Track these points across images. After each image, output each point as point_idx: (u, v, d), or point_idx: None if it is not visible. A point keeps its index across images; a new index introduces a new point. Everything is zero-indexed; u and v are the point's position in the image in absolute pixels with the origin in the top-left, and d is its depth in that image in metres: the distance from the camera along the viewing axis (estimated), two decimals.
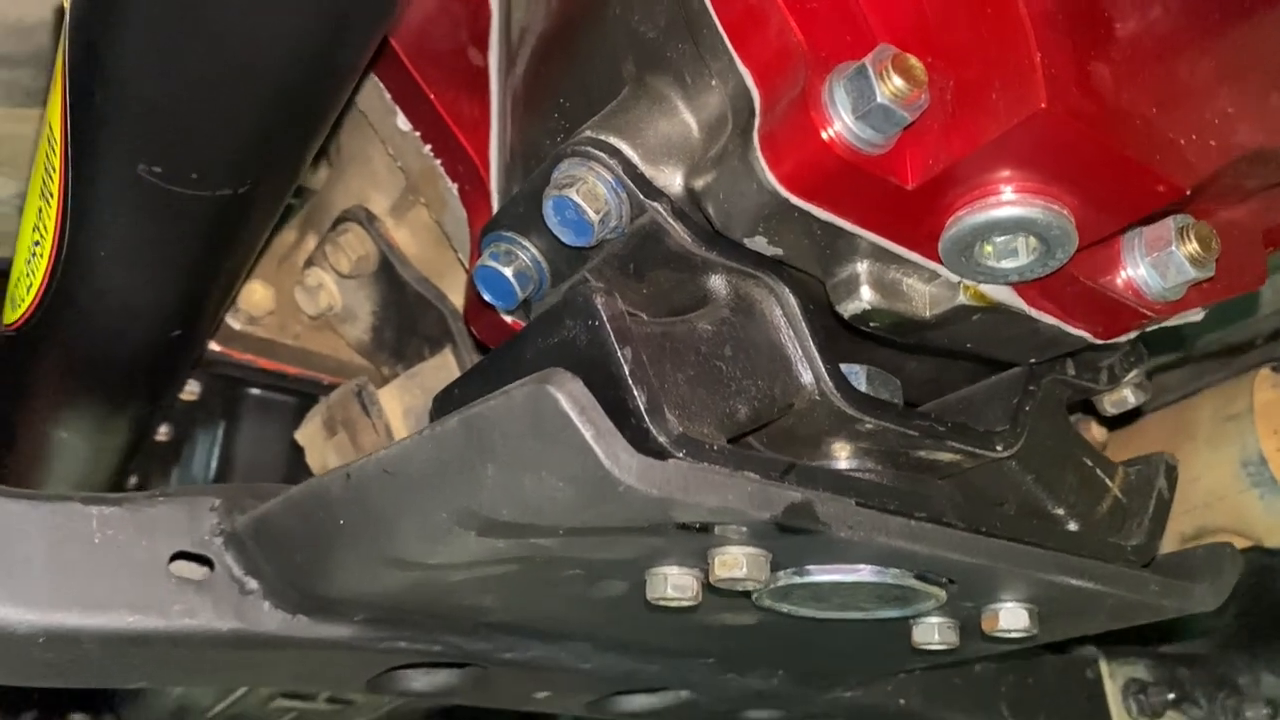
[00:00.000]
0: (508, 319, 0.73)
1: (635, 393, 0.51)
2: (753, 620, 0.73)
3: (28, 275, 0.66)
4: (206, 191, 0.52)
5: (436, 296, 0.88)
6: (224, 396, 1.05)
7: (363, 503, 0.61)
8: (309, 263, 0.93)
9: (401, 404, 0.85)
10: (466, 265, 0.82)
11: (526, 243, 0.63)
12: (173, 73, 0.46)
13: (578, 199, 0.55)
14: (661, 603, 0.60)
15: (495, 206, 0.73)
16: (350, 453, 0.86)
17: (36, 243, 0.62)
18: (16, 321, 0.70)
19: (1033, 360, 0.65)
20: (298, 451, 1.07)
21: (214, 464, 1.04)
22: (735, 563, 0.55)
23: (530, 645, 0.82)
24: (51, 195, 0.57)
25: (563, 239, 0.57)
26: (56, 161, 0.55)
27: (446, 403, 0.65)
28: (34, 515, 0.68)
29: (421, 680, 0.89)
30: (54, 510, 0.69)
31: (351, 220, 0.87)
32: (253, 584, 0.74)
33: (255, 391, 1.06)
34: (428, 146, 0.78)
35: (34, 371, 0.76)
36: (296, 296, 0.93)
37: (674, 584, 0.59)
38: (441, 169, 0.78)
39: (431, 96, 0.75)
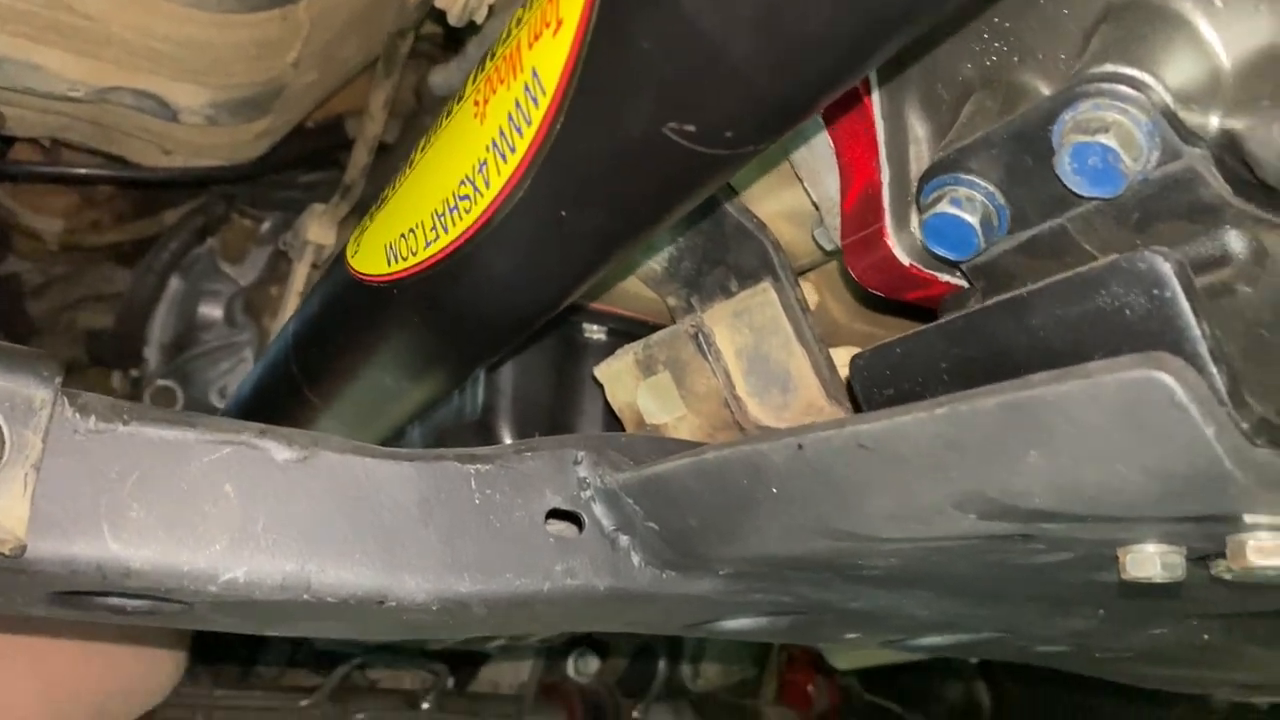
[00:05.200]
0: (905, 261, 0.67)
1: (1216, 375, 0.45)
2: None
3: (430, 231, 0.61)
4: (728, 150, 0.46)
5: (757, 226, 0.82)
6: None
7: (815, 475, 0.56)
8: None
9: (733, 345, 0.80)
10: (813, 195, 0.76)
11: (990, 187, 0.56)
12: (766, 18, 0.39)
13: (1115, 145, 0.49)
14: (1143, 580, 0.55)
15: (880, 131, 0.67)
16: (673, 394, 0.82)
17: (464, 196, 0.56)
18: (393, 274, 0.65)
19: None
20: (562, 380, 1.03)
21: (480, 395, 1.00)
22: (1275, 549, 0.50)
23: (879, 596, 0.78)
24: (513, 150, 0.51)
25: (1075, 189, 0.51)
26: (537, 114, 0.49)
27: (882, 363, 0.60)
28: (417, 477, 0.65)
29: (735, 624, 0.86)
30: (434, 471, 0.66)
31: None
32: (623, 540, 0.71)
33: None
34: None
35: (392, 324, 0.71)
36: None
37: (1163, 563, 0.55)
38: None
39: None
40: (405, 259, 0.64)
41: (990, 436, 0.48)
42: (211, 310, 1.94)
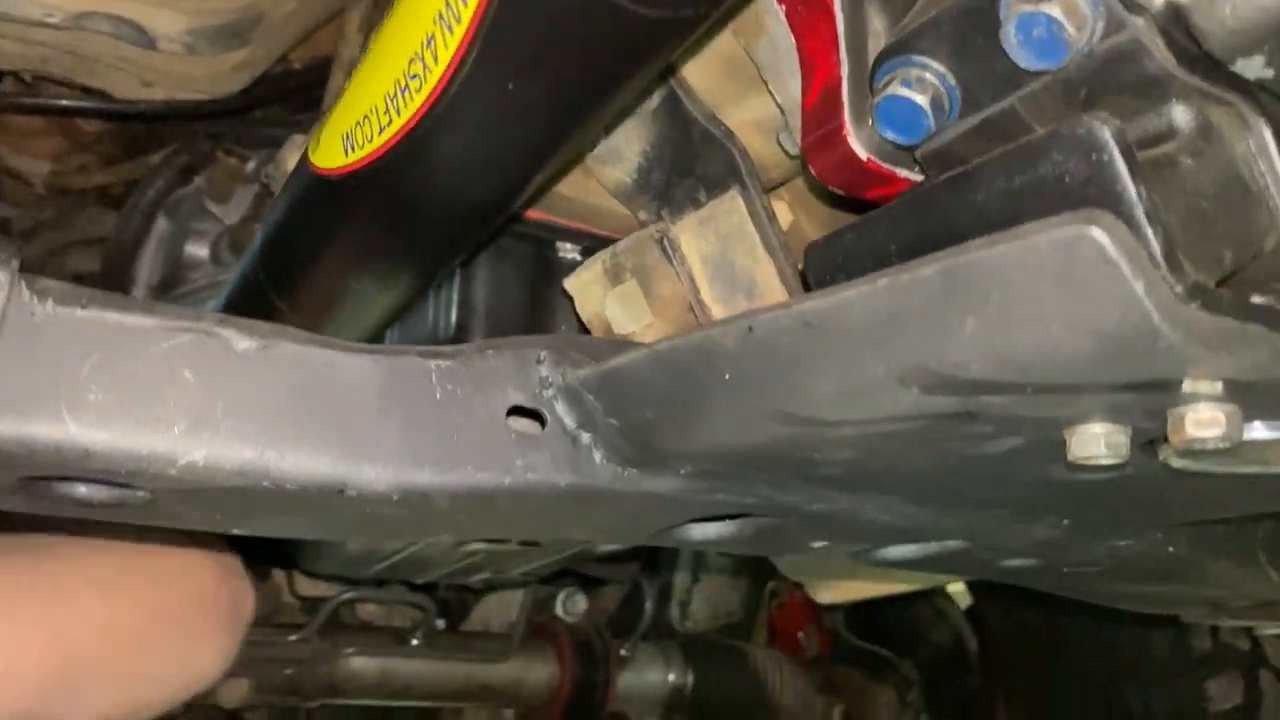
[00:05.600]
0: (862, 156, 0.67)
1: (1151, 237, 0.46)
2: (1108, 476, 0.70)
3: (384, 115, 0.61)
4: (668, 11, 0.46)
5: (724, 134, 0.82)
6: None
7: (765, 357, 0.57)
8: None
9: (699, 251, 0.80)
10: (778, 98, 0.76)
11: (941, 68, 0.56)
12: None
13: (1058, 15, 0.49)
14: (1087, 462, 0.56)
15: (841, 24, 0.67)
16: (640, 302, 0.82)
17: (414, 75, 0.56)
18: (351, 164, 0.65)
19: None
20: (536, 300, 1.04)
21: (454, 314, 1.01)
22: (1212, 420, 0.50)
23: (840, 498, 0.79)
24: (459, 20, 0.51)
25: (1021, 62, 0.51)
26: None
27: (833, 251, 0.60)
28: (378, 371, 0.66)
29: (703, 531, 0.87)
30: (395, 365, 0.66)
31: None
32: (585, 437, 0.71)
33: None
34: None
35: (352, 219, 0.71)
36: None
37: (1107, 442, 0.55)
38: None
39: None
40: (361, 147, 0.64)
41: (929, 305, 0.48)
42: (198, 250, 1.93)
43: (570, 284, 0.88)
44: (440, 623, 2.08)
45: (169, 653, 1.07)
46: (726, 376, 0.60)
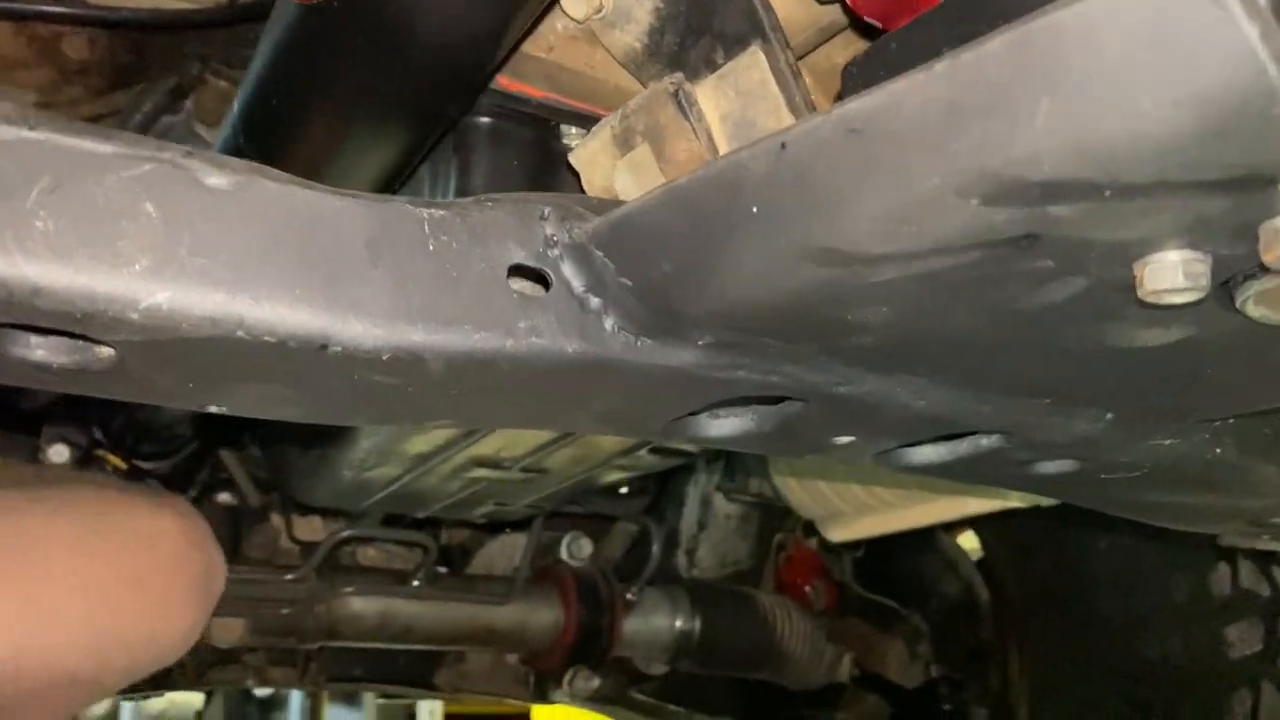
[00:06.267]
0: None
1: None
2: (1171, 339, 0.64)
3: None
4: None
5: None
6: (457, 128, 0.94)
7: (799, 179, 0.50)
8: None
9: (718, 110, 0.74)
10: None
11: None
12: None
13: None
14: (1162, 298, 0.50)
15: None
16: (653, 168, 0.76)
17: None
18: None
19: None
20: (539, 189, 0.97)
21: None
22: None
23: (869, 379, 0.73)
24: None
25: None
26: None
27: (876, 65, 0.54)
28: (365, 216, 0.59)
29: (719, 426, 0.81)
30: (383, 211, 0.60)
31: None
32: (594, 301, 0.65)
33: (484, 120, 0.95)
34: None
35: (338, 51, 0.65)
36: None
37: (1186, 271, 0.49)
38: None
39: None
40: None
41: (995, 88, 0.42)
42: None
43: (576, 157, 0.82)
44: (442, 570, 2.03)
45: (140, 616, 1.04)
46: (754, 210, 0.53)
